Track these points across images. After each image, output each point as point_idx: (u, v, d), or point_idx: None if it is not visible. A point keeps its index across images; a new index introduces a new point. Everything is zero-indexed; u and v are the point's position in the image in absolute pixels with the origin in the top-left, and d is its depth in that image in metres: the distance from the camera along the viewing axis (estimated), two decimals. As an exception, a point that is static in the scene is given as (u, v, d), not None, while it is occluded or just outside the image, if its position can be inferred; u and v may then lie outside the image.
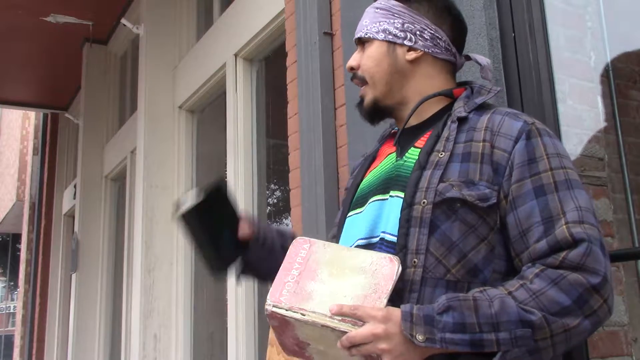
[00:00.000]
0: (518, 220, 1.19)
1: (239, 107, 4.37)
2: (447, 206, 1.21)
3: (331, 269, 1.18)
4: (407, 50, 1.38)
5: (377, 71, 1.39)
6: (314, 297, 1.15)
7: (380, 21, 1.40)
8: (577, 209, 1.16)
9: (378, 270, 1.16)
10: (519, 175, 1.20)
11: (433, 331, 1.10)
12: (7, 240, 24.58)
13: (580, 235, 1.13)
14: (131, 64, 7.09)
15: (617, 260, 1.89)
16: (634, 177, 2.07)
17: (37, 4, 6.20)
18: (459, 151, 1.26)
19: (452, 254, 1.20)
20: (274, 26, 3.96)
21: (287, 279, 1.18)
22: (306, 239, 1.24)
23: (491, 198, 1.21)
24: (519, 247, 1.19)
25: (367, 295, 1.14)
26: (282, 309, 1.15)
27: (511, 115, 1.28)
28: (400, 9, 1.40)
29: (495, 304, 1.11)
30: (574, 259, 1.12)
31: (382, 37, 1.39)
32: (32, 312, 9.63)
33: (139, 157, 5.44)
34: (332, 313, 1.12)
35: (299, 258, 1.21)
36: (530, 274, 1.14)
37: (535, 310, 1.10)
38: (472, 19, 2.00)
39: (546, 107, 1.83)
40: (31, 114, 11.69)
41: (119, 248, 7.11)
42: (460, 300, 1.12)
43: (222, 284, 4.47)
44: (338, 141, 2.76)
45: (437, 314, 1.11)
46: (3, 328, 31.76)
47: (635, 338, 1.92)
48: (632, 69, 2.16)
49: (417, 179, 1.26)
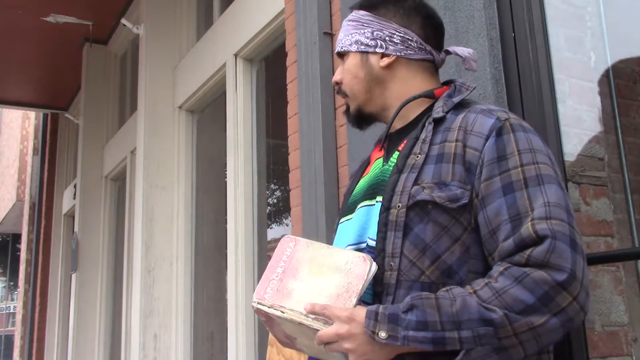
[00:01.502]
0: (487, 219, 1.19)
1: (239, 107, 4.37)
2: (420, 208, 1.22)
3: (311, 268, 1.23)
4: (380, 57, 1.40)
5: (355, 83, 1.42)
6: (293, 295, 1.21)
7: (352, 33, 1.43)
8: (545, 204, 1.14)
9: (352, 269, 1.20)
10: (488, 173, 1.20)
11: (396, 329, 1.12)
12: (7, 240, 24.57)
13: (544, 231, 1.11)
14: (131, 64, 7.09)
15: (617, 260, 1.90)
16: (634, 177, 2.07)
17: (37, 4, 6.20)
18: (434, 152, 1.27)
19: (425, 256, 1.20)
20: (274, 26, 3.96)
21: (272, 277, 1.24)
22: (292, 237, 1.29)
23: (462, 198, 1.21)
24: (490, 246, 1.19)
25: (340, 294, 1.19)
26: (265, 306, 1.22)
27: (485, 112, 1.27)
28: (368, 17, 1.42)
29: (457, 303, 1.11)
30: (538, 256, 1.11)
31: (355, 49, 1.42)
32: (32, 312, 9.63)
33: (139, 157, 5.43)
34: (306, 311, 1.18)
35: (284, 256, 1.26)
36: (495, 273, 1.14)
37: (496, 308, 1.09)
38: (472, 19, 2.00)
39: (546, 107, 1.83)
40: (31, 114, 11.70)
41: (119, 248, 7.11)
42: (423, 298, 1.13)
43: (222, 283, 4.47)
44: (338, 141, 2.76)
45: (402, 312, 1.13)
46: (3, 328, 31.74)
47: (635, 338, 1.92)
48: (632, 69, 2.16)
49: (394, 182, 1.27)
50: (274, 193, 4.69)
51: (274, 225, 4.54)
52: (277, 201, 4.68)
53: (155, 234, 5.17)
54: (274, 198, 4.70)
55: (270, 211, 4.56)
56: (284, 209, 4.52)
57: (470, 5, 2.02)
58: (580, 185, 1.93)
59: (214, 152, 5.14)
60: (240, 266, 4.12)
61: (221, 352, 4.61)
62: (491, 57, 1.94)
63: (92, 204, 7.34)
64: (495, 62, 1.94)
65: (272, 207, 4.62)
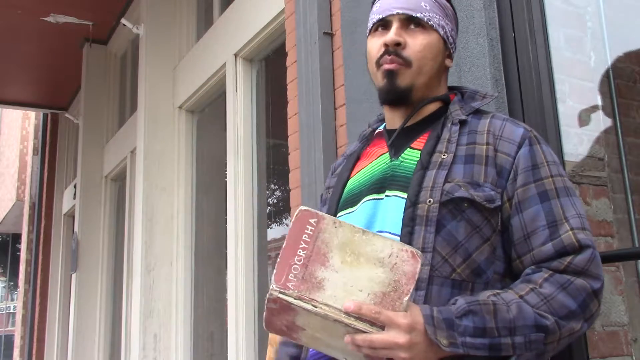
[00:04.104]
0: (523, 223, 1.21)
1: (239, 107, 4.37)
2: (454, 206, 1.22)
3: (344, 255, 1.07)
4: (447, 56, 1.41)
5: (430, 65, 1.36)
6: (326, 287, 1.05)
7: (439, 15, 1.38)
8: (578, 215, 1.21)
9: (398, 265, 1.07)
10: (524, 179, 1.23)
11: (454, 335, 1.10)
12: (7, 240, 24.57)
13: (585, 241, 1.17)
14: (131, 64, 7.09)
15: (617, 260, 1.89)
16: (634, 177, 2.07)
17: (37, 4, 6.20)
18: (461, 153, 1.27)
19: (457, 254, 1.20)
20: (274, 26, 3.96)
21: (292, 261, 1.06)
22: (313, 211, 1.09)
23: (496, 200, 1.23)
24: (521, 249, 1.21)
25: (386, 293, 1.06)
26: (289, 297, 1.04)
27: (511, 121, 1.32)
28: (452, 13, 1.42)
29: (512, 309, 1.12)
30: (579, 264, 1.16)
31: (442, 33, 1.38)
32: (32, 312, 9.62)
33: (139, 157, 5.44)
34: (348, 311, 1.04)
35: (305, 235, 1.08)
36: (539, 279, 1.16)
37: (548, 315, 1.12)
38: (472, 19, 2.00)
39: (546, 107, 1.83)
40: (31, 114, 11.70)
41: (119, 248, 7.11)
42: (481, 304, 1.13)
43: (222, 283, 4.47)
44: (338, 141, 2.76)
45: (456, 317, 1.11)
46: (3, 328, 31.76)
47: (635, 338, 1.92)
48: (632, 69, 2.16)
49: (420, 178, 1.26)
50: (274, 193, 4.69)
51: (274, 225, 4.54)
52: (277, 201, 4.68)
53: (155, 234, 5.17)
54: (274, 198, 4.70)
55: (270, 211, 4.56)
56: (284, 209, 4.52)
57: (470, 5, 2.02)
58: (580, 185, 1.93)
59: (214, 152, 5.14)
60: (240, 266, 4.12)
61: (221, 352, 4.61)
62: (491, 57, 1.93)
63: (92, 204, 7.34)
64: (495, 62, 1.94)
65: (272, 207, 4.62)
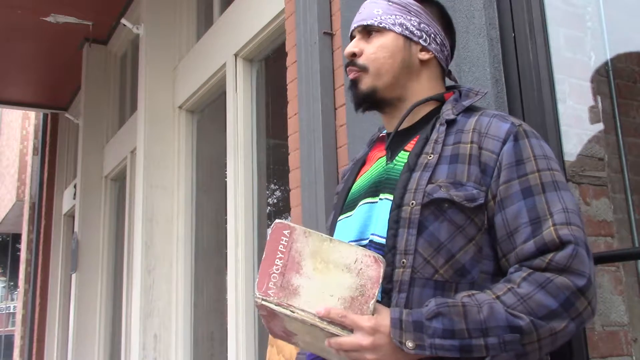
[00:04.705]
0: (506, 221, 1.20)
1: (239, 107, 4.37)
2: (436, 207, 1.22)
3: (315, 263, 1.17)
4: (419, 50, 1.40)
5: (388, 63, 1.38)
6: (301, 294, 1.15)
7: (395, 14, 1.40)
8: (564, 210, 1.17)
9: (363, 270, 1.15)
10: (507, 176, 1.21)
11: (422, 337, 1.11)
12: (7, 240, 24.58)
13: (567, 237, 1.14)
14: (131, 64, 7.09)
15: (617, 260, 1.89)
16: (634, 177, 2.07)
17: (37, 4, 6.20)
18: (447, 153, 1.27)
19: (440, 255, 1.20)
20: (274, 26, 3.96)
21: (271, 270, 1.17)
22: (285, 223, 1.20)
23: (479, 199, 1.21)
24: (506, 247, 1.20)
25: (354, 297, 1.14)
26: (270, 303, 1.15)
27: (499, 117, 1.29)
28: (417, 8, 1.42)
29: (484, 310, 1.11)
30: (560, 261, 1.13)
31: (399, 31, 1.39)
32: (32, 312, 9.62)
33: (139, 157, 5.44)
34: (320, 316, 1.13)
35: (280, 246, 1.18)
36: (517, 278, 1.14)
37: (523, 315, 1.11)
38: (472, 19, 2.00)
39: (546, 107, 1.83)
40: (31, 114, 11.69)
41: (119, 248, 7.11)
42: (450, 306, 1.13)
43: (222, 283, 4.47)
44: (338, 141, 2.76)
45: (426, 319, 1.12)
46: (3, 328, 31.76)
47: (635, 338, 1.92)
48: (632, 69, 2.16)
49: (406, 180, 1.26)
50: (274, 193, 4.69)
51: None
52: (277, 201, 4.68)
53: (155, 234, 5.17)
54: (274, 198, 4.70)
55: (270, 211, 4.56)
56: (284, 209, 4.52)
57: (470, 5, 2.02)
58: (580, 185, 1.93)
59: (214, 152, 5.14)
60: (240, 266, 4.12)
61: (221, 352, 4.61)
62: (491, 57, 1.93)
63: (92, 204, 7.34)
64: (495, 62, 1.94)
65: (272, 207, 4.62)
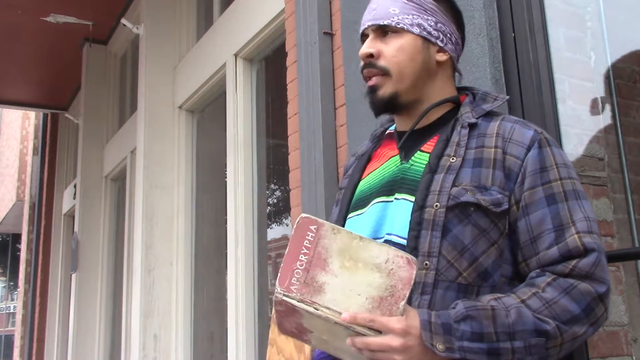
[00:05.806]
0: (529, 226, 1.21)
1: (239, 107, 4.37)
2: (461, 210, 1.22)
3: (343, 260, 1.13)
4: (437, 51, 1.38)
5: (409, 66, 1.35)
6: (326, 291, 1.11)
7: (412, 14, 1.36)
8: (586, 219, 1.20)
9: (395, 270, 1.12)
10: (531, 182, 1.23)
11: (451, 340, 1.11)
12: (7, 240, 24.58)
13: (591, 245, 1.17)
14: (131, 64, 7.09)
15: (617, 260, 1.89)
16: (634, 177, 2.07)
17: (37, 4, 6.20)
18: (470, 156, 1.27)
19: (463, 258, 1.20)
20: (274, 26, 3.96)
21: (295, 265, 1.13)
22: (312, 218, 1.16)
23: (503, 203, 1.22)
24: (527, 252, 1.21)
25: (384, 297, 1.11)
26: (292, 300, 1.11)
27: (521, 124, 1.30)
28: (434, 7, 1.39)
29: (512, 314, 1.12)
30: (584, 268, 1.15)
31: (417, 32, 1.36)
32: (32, 312, 9.62)
33: (139, 157, 5.44)
34: (346, 321, 1.09)
35: (306, 241, 1.14)
36: (541, 282, 1.16)
37: (549, 319, 1.12)
38: (472, 19, 2.00)
39: (546, 107, 1.83)
40: (31, 114, 11.70)
41: (119, 248, 7.11)
42: (479, 309, 1.13)
43: (222, 283, 4.46)
44: (338, 141, 2.76)
45: (455, 322, 1.12)
46: (3, 328, 31.76)
47: (635, 338, 1.92)
48: (632, 69, 2.16)
49: (428, 182, 1.26)
50: (274, 193, 4.69)
51: (274, 225, 4.54)
52: (277, 201, 4.68)
53: (155, 234, 5.17)
54: (274, 198, 4.70)
55: (270, 211, 4.56)
56: (284, 209, 4.52)
57: (470, 5, 2.02)
58: (580, 185, 1.93)
59: (214, 152, 5.14)
60: (240, 266, 4.12)
61: (221, 352, 4.61)
62: (491, 57, 1.93)
63: (92, 204, 7.34)
64: (495, 62, 1.94)
65: (272, 207, 4.62)
